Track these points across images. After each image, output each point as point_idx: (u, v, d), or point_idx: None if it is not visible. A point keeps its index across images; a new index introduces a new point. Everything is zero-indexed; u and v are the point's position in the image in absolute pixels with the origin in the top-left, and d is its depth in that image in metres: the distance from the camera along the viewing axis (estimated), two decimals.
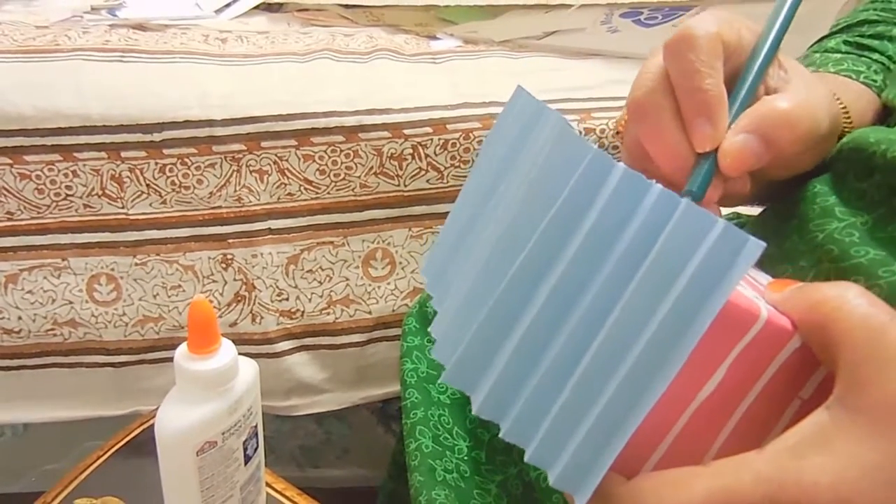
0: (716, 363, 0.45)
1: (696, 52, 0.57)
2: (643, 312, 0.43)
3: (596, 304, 0.44)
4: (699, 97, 0.57)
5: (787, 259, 0.64)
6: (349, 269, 1.37)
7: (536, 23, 1.60)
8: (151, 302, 1.35)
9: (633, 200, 0.44)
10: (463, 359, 0.49)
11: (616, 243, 0.44)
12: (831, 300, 0.44)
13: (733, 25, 0.60)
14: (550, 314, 0.46)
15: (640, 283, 0.43)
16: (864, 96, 0.76)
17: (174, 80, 1.31)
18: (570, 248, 0.45)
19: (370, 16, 1.70)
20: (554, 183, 0.45)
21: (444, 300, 0.56)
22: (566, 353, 0.46)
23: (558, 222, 0.45)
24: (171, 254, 1.33)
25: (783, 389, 0.47)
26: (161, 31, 1.50)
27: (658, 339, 0.42)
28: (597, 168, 0.44)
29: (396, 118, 1.30)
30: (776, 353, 0.46)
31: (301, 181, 1.31)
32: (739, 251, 0.41)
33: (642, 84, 0.60)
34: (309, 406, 1.46)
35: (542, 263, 0.46)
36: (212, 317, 0.76)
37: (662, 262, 0.42)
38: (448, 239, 0.59)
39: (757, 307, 0.44)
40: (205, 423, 0.76)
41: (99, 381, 1.40)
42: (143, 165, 1.28)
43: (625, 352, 0.43)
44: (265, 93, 1.31)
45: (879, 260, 0.57)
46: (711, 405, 0.46)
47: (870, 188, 0.63)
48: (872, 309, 0.43)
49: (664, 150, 0.59)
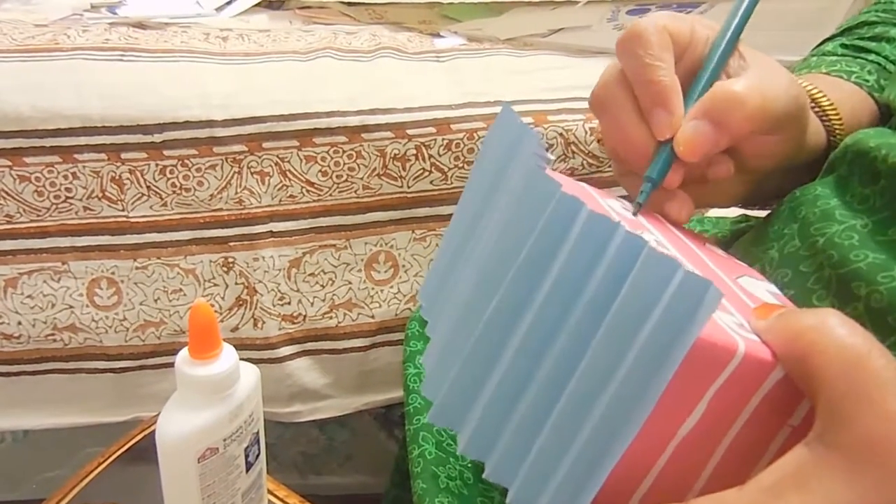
0: (695, 399, 0.45)
1: (644, 47, 0.61)
2: (612, 357, 0.43)
3: (568, 347, 0.45)
4: (653, 89, 0.61)
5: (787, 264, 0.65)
6: (352, 272, 1.38)
7: (542, 20, 1.60)
8: (152, 306, 1.36)
9: (599, 243, 0.45)
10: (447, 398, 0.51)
11: (584, 287, 0.45)
12: (809, 331, 0.44)
13: (684, 20, 0.65)
14: (526, 356, 0.47)
15: (608, 329, 0.43)
16: (856, 96, 0.78)
17: (174, 80, 1.32)
18: (541, 291, 0.46)
19: (373, 13, 1.70)
20: (524, 224, 0.47)
21: (436, 329, 0.58)
22: (542, 394, 0.47)
23: (529, 265, 0.47)
24: (171, 257, 1.34)
25: (769, 419, 0.48)
26: (161, 29, 1.51)
27: (629, 381, 0.43)
28: (564, 210, 0.45)
29: (400, 118, 1.31)
30: (757, 385, 0.46)
31: (303, 183, 1.32)
32: (702, 297, 0.41)
33: (600, 81, 0.65)
34: (311, 412, 1.47)
35: (516, 306, 0.47)
36: (213, 321, 0.76)
37: (627, 308, 0.43)
38: (442, 262, 0.60)
39: (734, 342, 0.44)
40: (206, 429, 0.76)
41: (99, 387, 1.41)
42: (143, 167, 1.29)
43: (597, 394, 0.44)
44: (266, 92, 1.32)
45: (879, 264, 0.58)
46: (694, 440, 0.46)
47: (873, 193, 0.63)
48: (851, 339, 0.43)
49: (625, 141, 0.64)
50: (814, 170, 0.72)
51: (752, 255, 0.69)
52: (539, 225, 0.46)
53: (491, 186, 0.55)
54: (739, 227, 0.89)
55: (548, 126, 1.32)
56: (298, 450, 1.73)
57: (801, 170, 0.72)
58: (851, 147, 0.67)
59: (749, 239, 0.74)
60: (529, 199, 0.47)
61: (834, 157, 0.70)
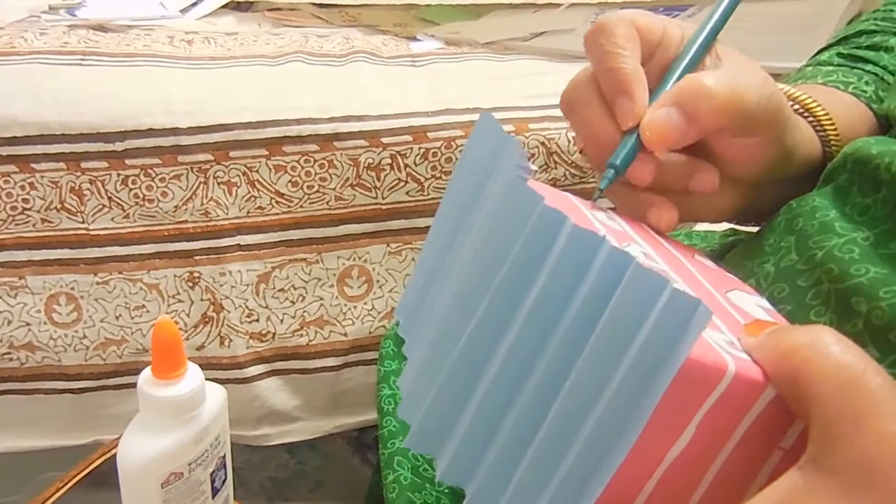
0: (684, 421, 0.45)
1: (607, 36, 0.62)
2: (597, 378, 0.43)
3: (551, 368, 0.45)
4: (614, 76, 0.61)
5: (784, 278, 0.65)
6: (323, 287, 1.37)
7: (523, 23, 1.60)
8: (113, 323, 1.35)
9: (584, 259, 0.44)
10: (425, 422, 0.50)
11: (568, 305, 0.45)
12: (802, 349, 0.44)
13: (656, 18, 0.65)
14: (508, 378, 0.47)
15: (593, 349, 0.43)
16: (854, 107, 0.78)
17: (137, 85, 1.32)
18: (523, 309, 0.46)
19: (346, 15, 1.70)
20: (505, 239, 0.46)
21: (413, 348, 0.57)
22: (525, 418, 0.46)
23: (510, 282, 0.46)
24: (134, 272, 1.33)
25: (761, 442, 0.47)
26: (123, 31, 1.51)
27: (615, 404, 0.42)
28: (547, 224, 0.45)
29: (374, 125, 1.30)
30: (749, 406, 0.46)
31: (272, 194, 1.31)
32: (691, 315, 0.41)
33: (570, 82, 0.66)
34: (280, 435, 1.46)
35: (497, 324, 0.47)
36: (177, 339, 0.76)
37: (613, 326, 0.42)
38: (419, 278, 0.60)
39: (724, 362, 0.44)
40: (170, 453, 0.76)
41: (58, 409, 1.39)
42: (104, 177, 1.28)
43: (582, 417, 0.44)
44: (234, 99, 1.32)
45: (881, 279, 0.58)
46: (683, 464, 0.46)
47: (875, 204, 0.63)
48: (845, 358, 0.42)
49: (593, 137, 0.64)
50: (809, 183, 0.71)
51: (745, 269, 0.69)
52: (520, 239, 0.46)
53: (470, 199, 0.55)
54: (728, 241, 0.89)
55: (529, 135, 1.32)
56: (267, 475, 1.72)
57: (795, 183, 0.72)
58: (851, 155, 0.67)
59: (742, 252, 0.74)
60: (510, 212, 0.47)
61: (832, 167, 0.69)
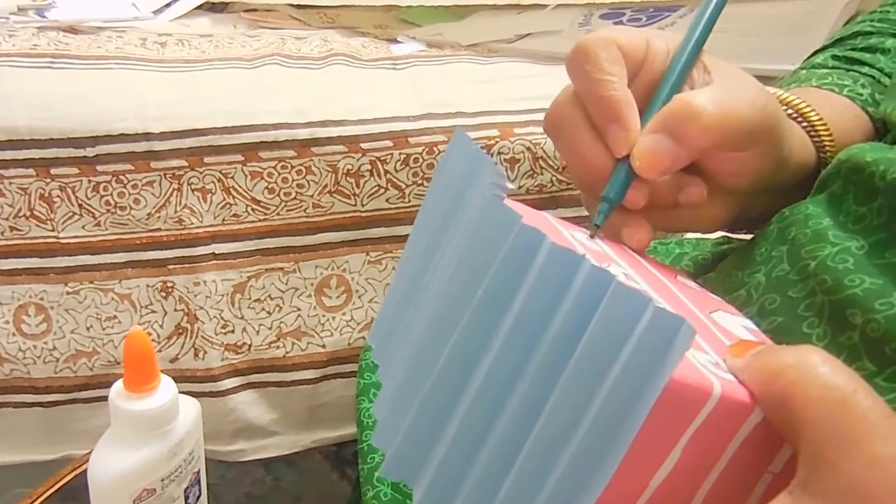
0: (669, 446, 0.44)
1: (592, 62, 0.60)
2: (578, 401, 0.43)
3: (530, 391, 0.44)
4: (604, 105, 0.60)
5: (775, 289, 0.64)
6: (301, 298, 1.37)
7: (508, 25, 1.60)
8: (84, 335, 1.35)
9: (563, 279, 0.44)
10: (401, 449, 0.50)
11: (547, 326, 0.44)
12: (789, 370, 0.43)
13: (638, 33, 0.64)
14: (486, 402, 0.46)
15: (573, 371, 0.43)
16: (849, 111, 0.78)
17: (108, 89, 1.31)
18: (500, 330, 0.45)
19: (324, 17, 1.70)
20: (481, 260, 0.46)
21: (388, 373, 0.57)
22: (504, 444, 0.46)
23: (488, 303, 0.46)
24: (105, 281, 1.32)
25: (749, 466, 0.47)
26: (94, 33, 1.50)
27: (597, 428, 0.42)
28: (525, 243, 0.45)
29: (353, 130, 1.30)
30: (736, 429, 0.45)
31: (248, 201, 1.31)
32: (674, 334, 0.40)
33: (553, 103, 0.65)
34: (256, 450, 1.45)
35: (474, 347, 0.46)
36: (150, 351, 0.76)
37: (594, 347, 0.42)
38: (394, 300, 0.59)
39: (709, 383, 0.43)
40: (143, 468, 0.76)
41: (27, 423, 1.39)
42: (74, 184, 1.27)
43: (563, 442, 0.43)
44: (208, 103, 1.31)
45: (876, 290, 0.57)
46: (667, 491, 0.45)
47: (870, 212, 0.63)
48: (834, 379, 0.42)
49: (583, 163, 0.63)
50: (803, 190, 0.71)
51: (735, 279, 0.68)
52: (498, 259, 0.45)
53: (445, 218, 0.55)
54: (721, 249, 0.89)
55: (514, 139, 1.31)
56: (243, 490, 1.72)
57: (789, 190, 0.71)
58: (846, 162, 0.66)
59: (733, 262, 0.73)
60: (487, 231, 0.46)
61: (826, 174, 0.69)
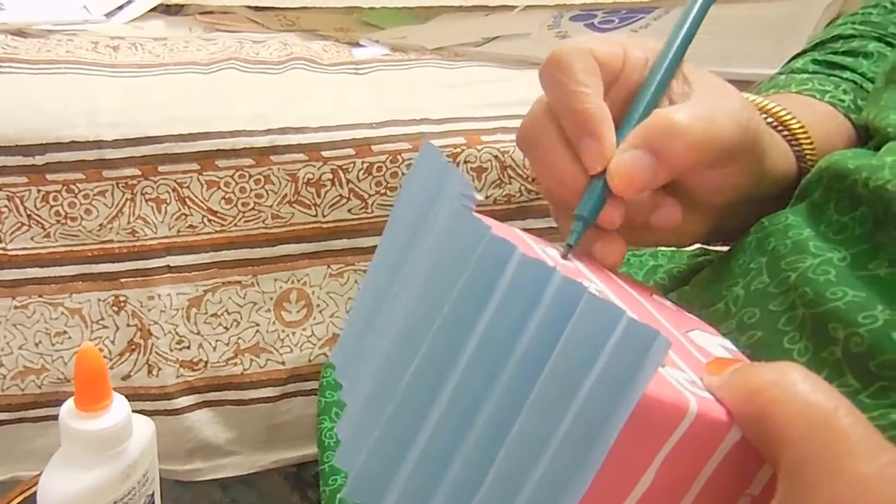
0: (643, 466, 0.44)
1: (566, 73, 0.59)
2: (548, 420, 0.42)
3: (499, 409, 0.44)
4: (578, 118, 0.59)
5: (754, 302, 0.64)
6: (259, 312, 1.37)
7: (474, 27, 1.61)
8: (33, 351, 1.34)
9: (533, 291, 0.44)
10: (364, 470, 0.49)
11: (517, 340, 0.44)
12: (769, 388, 0.43)
13: (615, 43, 0.63)
14: (453, 421, 0.46)
15: (543, 386, 0.42)
16: (831, 118, 0.78)
17: (59, 94, 1.31)
18: (468, 345, 0.45)
19: (283, 19, 1.70)
20: (450, 271, 0.46)
21: (352, 393, 0.56)
22: (471, 464, 0.45)
23: (456, 316, 0.46)
24: (55, 295, 1.31)
25: (727, 488, 0.47)
26: (44, 37, 1.50)
27: (567, 446, 0.42)
28: (494, 254, 0.44)
29: (314, 138, 1.30)
30: (713, 448, 0.45)
31: (204, 211, 1.30)
32: (648, 347, 0.40)
33: (527, 116, 0.64)
34: (213, 470, 1.45)
35: (441, 363, 0.46)
36: (102, 368, 0.76)
37: (565, 362, 0.42)
38: (358, 317, 0.59)
39: (684, 400, 0.43)
40: (94, 490, 0.76)
41: None
42: (23, 193, 1.27)
43: (532, 461, 0.43)
44: (163, 109, 1.31)
45: (859, 303, 0.57)
46: None
47: (852, 222, 0.63)
48: (815, 397, 0.42)
49: (556, 179, 0.62)
50: (783, 199, 0.71)
51: (713, 292, 0.68)
52: (466, 272, 0.45)
53: (412, 231, 0.54)
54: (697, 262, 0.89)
55: (482, 147, 1.31)
56: None
57: (768, 200, 0.71)
58: (827, 170, 0.66)
59: (710, 274, 0.73)
60: (455, 242, 0.46)
61: (807, 182, 0.69)
